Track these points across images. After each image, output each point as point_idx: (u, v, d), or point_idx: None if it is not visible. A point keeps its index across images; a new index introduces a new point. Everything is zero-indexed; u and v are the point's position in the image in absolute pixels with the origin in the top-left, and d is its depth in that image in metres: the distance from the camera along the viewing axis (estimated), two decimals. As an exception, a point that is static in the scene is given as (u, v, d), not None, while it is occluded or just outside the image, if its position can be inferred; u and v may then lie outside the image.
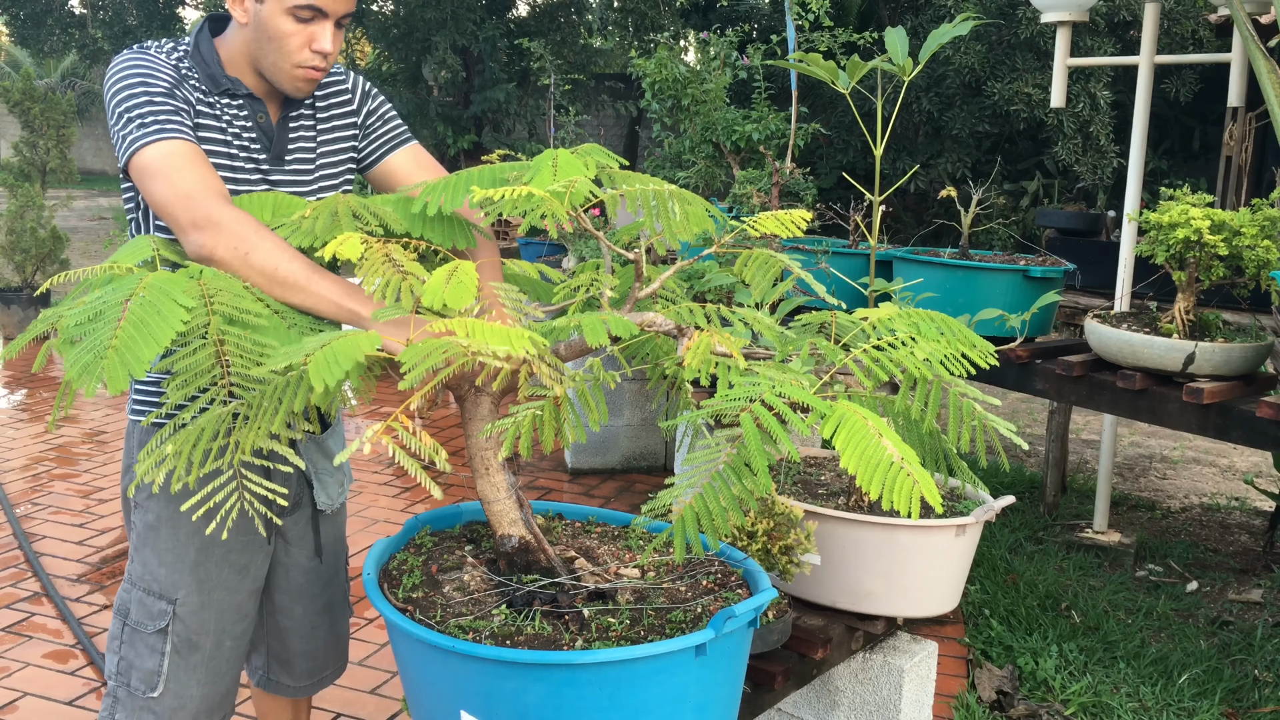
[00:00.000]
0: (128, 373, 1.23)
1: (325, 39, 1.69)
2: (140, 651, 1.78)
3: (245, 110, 1.75)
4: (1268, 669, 3.10)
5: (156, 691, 1.77)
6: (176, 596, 1.77)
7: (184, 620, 1.78)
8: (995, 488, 4.55)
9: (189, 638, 1.78)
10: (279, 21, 1.66)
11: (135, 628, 1.79)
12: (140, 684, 1.78)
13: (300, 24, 1.67)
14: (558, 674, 1.31)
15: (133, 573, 1.81)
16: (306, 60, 1.70)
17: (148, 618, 1.78)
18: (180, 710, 1.79)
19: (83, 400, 5.80)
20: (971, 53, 8.57)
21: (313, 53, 1.70)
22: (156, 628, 1.77)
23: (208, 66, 1.72)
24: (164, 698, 1.78)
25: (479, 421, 1.51)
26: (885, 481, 1.22)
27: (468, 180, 1.57)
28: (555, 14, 11.76)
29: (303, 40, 1.68)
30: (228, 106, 1.74)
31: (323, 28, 1.69)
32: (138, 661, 1.78)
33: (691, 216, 1.51)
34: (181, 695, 1.79)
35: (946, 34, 2.48)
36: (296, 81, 1.73)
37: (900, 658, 2.19)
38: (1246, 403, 2.54)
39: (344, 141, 1.87)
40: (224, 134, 1.73)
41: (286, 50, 1.68)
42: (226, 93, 1.73)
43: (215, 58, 1.74)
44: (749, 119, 5.37)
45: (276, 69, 1.71)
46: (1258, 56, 2.63)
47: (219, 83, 1.72)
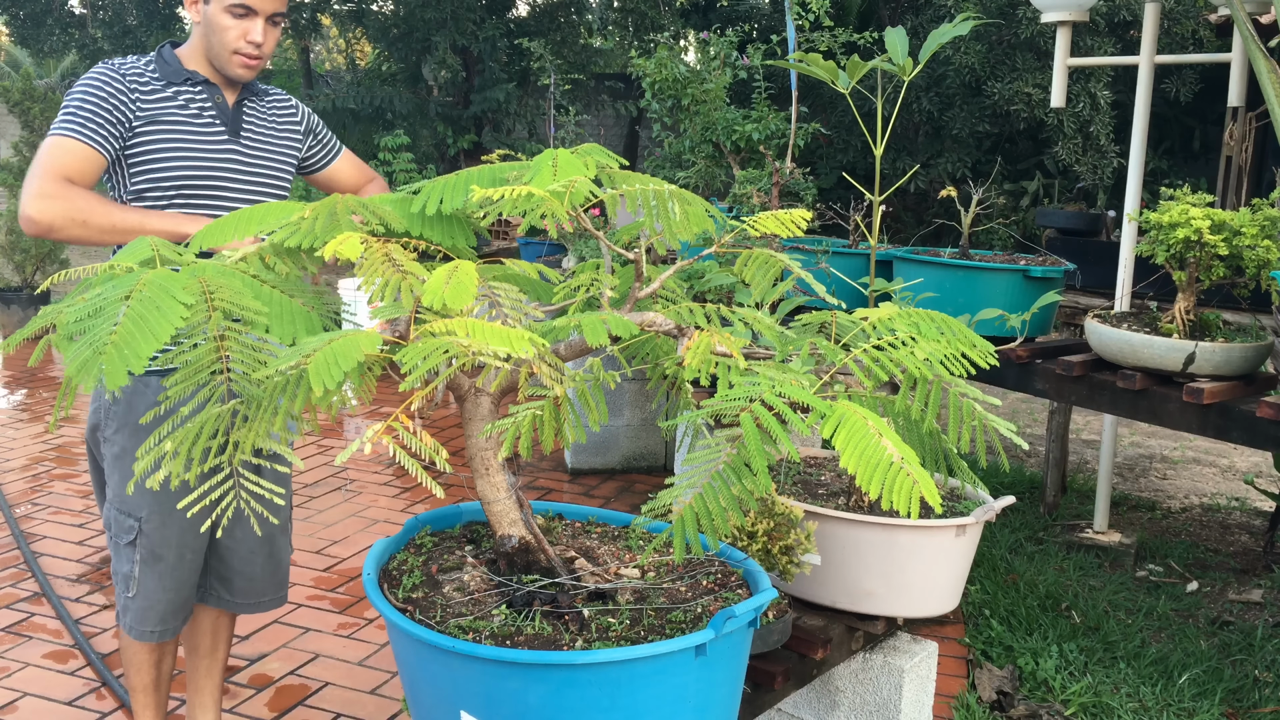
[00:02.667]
0: (127, 369, 1.23)
1: (256, 32, 2.17)
2: (121, 559, 2.20)
3: (204, 93, 2.23)
4: (1268, 669, 3.10)
5: (131, 593, 2.20)
6: (141, 515, 2.16)
7: (148, 535, 2.17)
8: (995, 488, 4.55)
9: (153, 549, 2.17)
10: (220, 18, 2.15)
11: (115, 539, 2.20)
12: (121, 585, 2.21)
13: (236, 19, 2.15)
14: (558, 674, 1.31)
15: (109, 493, 2.21)
16: (242, 49, 2.18)
17: (122, 531, 2.18)
18: (149, 610, 2.20)
19: (82, 400, 5.80)
20: (971, 53, 8.56)
21: (247, 43, 2.17)
22: (128, 540, 2.18)
23: (169, 65, 2.22)
24: (137, 598, 2.20)
25: (479, 421, 1.51)
26: (885, 481, 1.22)
27: (467, 180, 1.57)
28: (555, 14, 11.76)
29: (239, 33, 2.16)
30: (189, 92, 2.21)
31: (255, 23, 2.16)
32: (119, 567, 2.21)
33: (691, 216, 1.51)
34: (150, 597, 2.20)
35: (946, 34, 2.48)
36: (236, 67, 2.20)
37: (900, 658, 2.19)
38: (1246, 403, 2.54)
39: (290, 139, 2.37)
40: (186, 110, 2.20)
41: (226, 41, 2.17)
42: (188, 81, 2.21)
43: (175, 59, 2.23)
44: (749, 119, 5.37)
45: (220, 57, 2.19)
46: (1258, 56, 2.63)
47: (180, 74, 2.21)
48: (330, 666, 3.01)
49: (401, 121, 10.75)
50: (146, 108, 2.16)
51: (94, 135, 2.10)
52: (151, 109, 2.16)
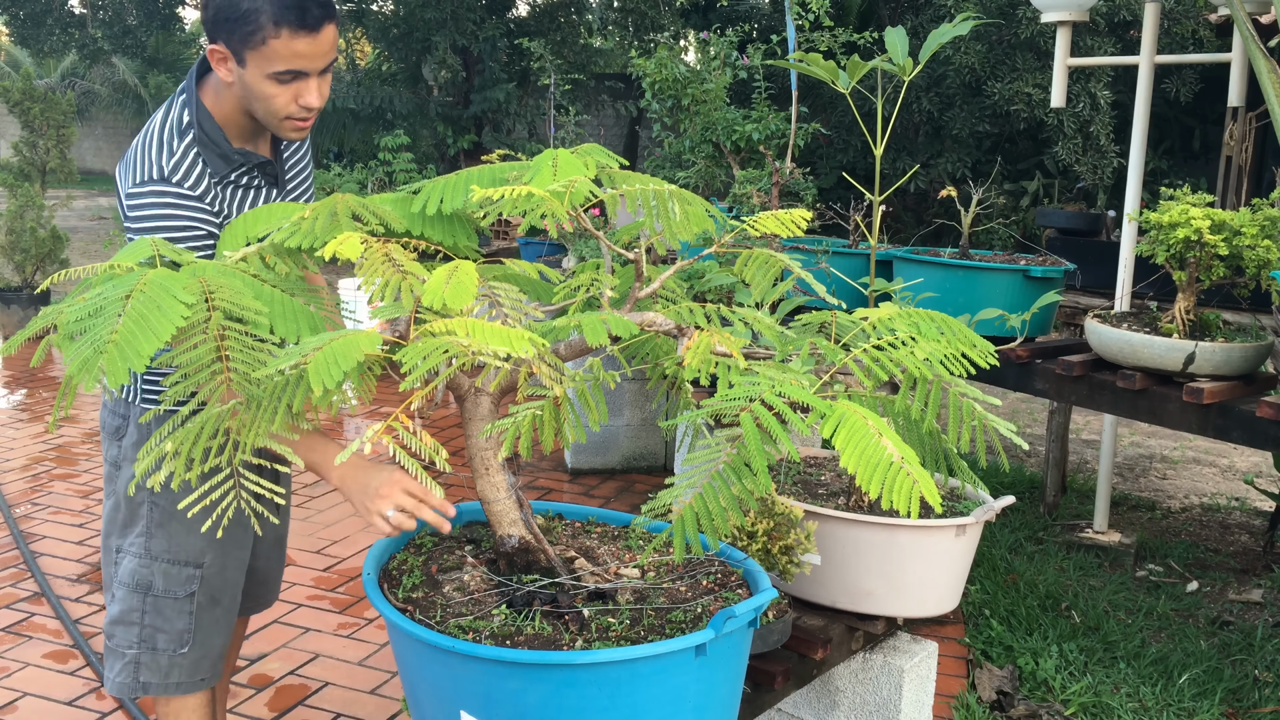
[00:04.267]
0: (128, 367, 1.23)
1: (310, 95, 1.78)
2: (169, 616, 1.96)
3: (256, 175, 1.91)
4: (1268, 669, 3.10)
5: (186, 648, 1.98)
6: (204, 561, 1.97)
7: (209, 581, 1.98)
8: (995, 488, 4.55)
9: (212, 595, 2.00)
10: (263, 86, 1.75)
11: (162, 597, 1.96)
12: (170, 644, 1.98)
13: (284, 85, 1.76)
14: (558, 674, 1.31)
15: (152, 549, 1.95)
16: (295, 114, 1.80)
17: (176, 585, 1.96)
18: (203, 659, 2.01)
19: (82, 400, 5.80)
20: (971, 53, 8.56)
21: (299, 106, 1.79)
22: (186, 592, 1.97)
23: (217, 147, 1.84)
24: (191, 651, 1.99)
25: (479, 421, 1.51)
26: (885, 481, 1.22)
27: (468, 180, 1.57)
28: (555, 14, 11.76)
29: (289, 98, 1.78)
30: (244, 175, 1.89)
31: (307, 84, 1.77)
32: (166, 625, 1.97)
33: (691, 216, 1.51)
34: (206, 646, 2.01)
35: (946, 34, 2.48)
36: (289, 132, 1.85)
37: (900, 658, 2.19)
38: (1246, 403, 2.54)
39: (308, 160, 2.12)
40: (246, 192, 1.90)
41: (275, 109, 1.79)
42: (240, 165, 1.87)
43: (219, 132, 1.85)
44: (749, 119, 5.37)
45: (269, 122, 1.83)
46: (1258, 56, 2.63)
47: (231, 160, 1.85)
48: (330, 666, 3.01)
49: (401, 121, 10.76)
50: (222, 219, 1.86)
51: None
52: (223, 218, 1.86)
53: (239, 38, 1.71)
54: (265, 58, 1.72)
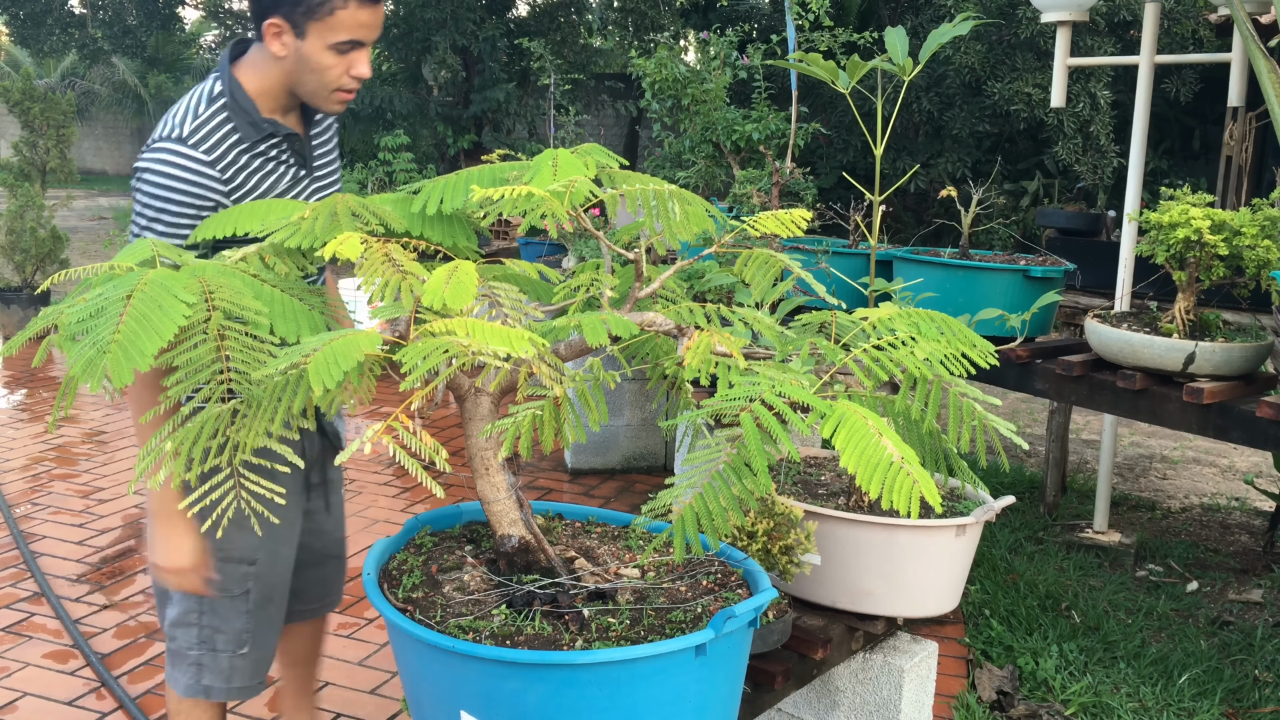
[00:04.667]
0: (132, 367, 1.23)
1: (363, 65, 1.87)
2: (226, 616, 1.98)
3: (285, 147, 1.96)
4: (1268, 669, 3.10)
5: (245, 648, 2.00)
6: (257, 558, 1.98)
7: (262, 578, 2.00)
8: (995, 488, 4.55)
9: (266, 593, 2.02)
10: (321, 56, 1.83)
11: (219, 596, 1.98)
12: (229, 644, 1.99)
13: (342, 56, 1.84)
14: (558, 674, 1.31)
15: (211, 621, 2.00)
16: (347, 85, 1.88)
17: (232, 583, 1.98)
18: (263, 659, 2.04)
19: (82, 400, 5.80)
20: (971, 52, 8.56)
21: (352, 78, 1.88)
22: (241, 590, 1.98)
23: (248, 115, 1.89)
24: (251, 651, 2.01)
25: (479, 421, 1.51)
26: (885, 481, 1.22)
27: (468, 180, 1.57)
28: (555, 14, 11.76)
29: (343, 69, 1.86)
30: (271, 147, 1.93)
31: (361, 55, 1.87)
32: (224, 625, 1.98)
33: (691, 216, 1.51)
34: (263, 645, 2.04)
35: (946, 34, 2.48)
36: (334, 104, 1.92)
37: (900, 658, 2.19)
38: (1246, 403, 2.54)
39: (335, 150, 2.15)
40: (274, 165, 1.94)
41: (327, 80, 1.86)
42: (268, 136, 1.91)
43: (250, 102, 1.89)
44: (749, 119, 5.37)
45: (316, 95, 1.89)
46: (1258, 56, 2.63)
47: (260, 129, 1.90)
48: (330, 666, 3.01)
49: (401, 121, 10.75)
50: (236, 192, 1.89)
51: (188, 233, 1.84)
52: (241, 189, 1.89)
53: (304, 9, 1.79)
54: (330, 28, 1.80)
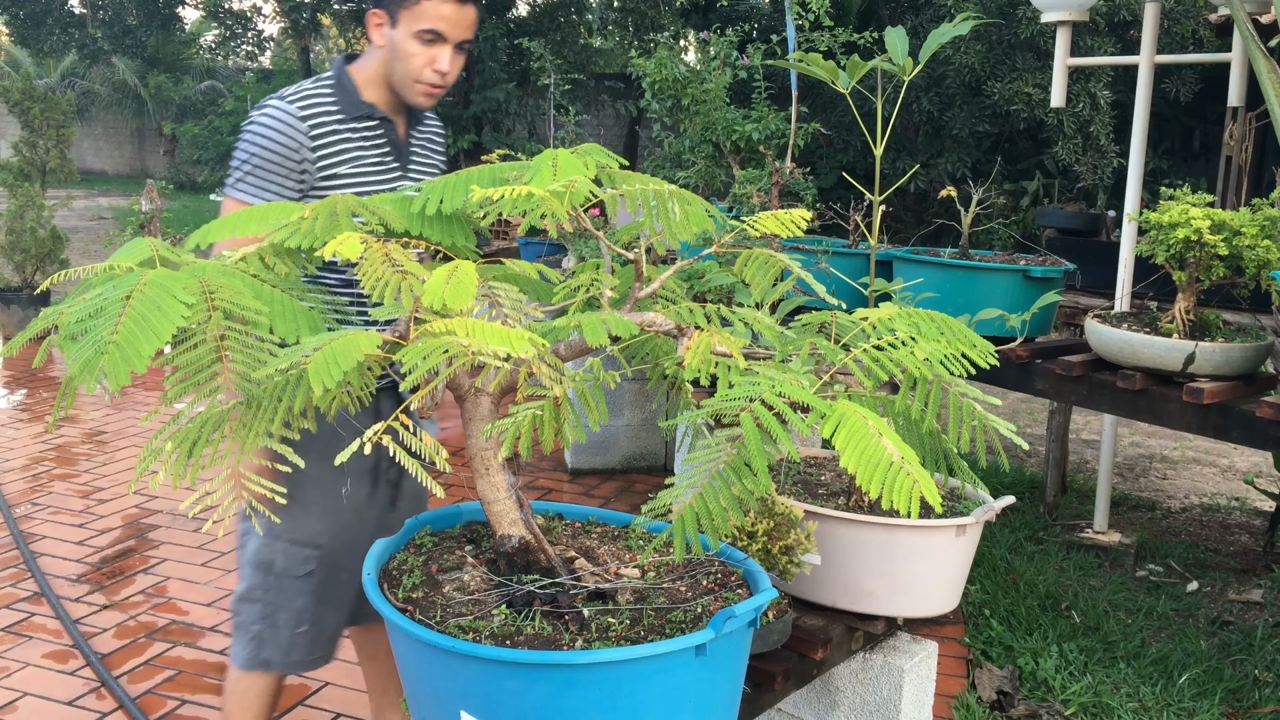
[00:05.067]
0: (129, 368, 1.23)
1: (444, 60, 2.02)
2: (289, 595, 2.09)
3: (380, 130, 2.10)
4: (1268, 669, 3.10)
5: (304, 626, 2.10)
6: (322, 542, 2.09)
7: (325, 562, 2.10)
8: (995, 488, 4.55)
9: (329, 576, 2.11)
10: (407, 44, 2.00)
11: (283, 575, 2.09)
12: (289, 622, 2.10)
13: (424, 46, 2.00)
14: (558, 674, 1.31)
15: (273, 529, 2.08)
16: (427, 77, 2.03)
17: (296, 564, 2.08)
18: (320, 638, 2.14)
19: (82, 400, 5.80)
20: (971, 52, 8.56)
21: (433, 71, 2.02)
22: (305, 571, 2.09)
23: (349, 94, 2.07)
24: (310, 630, 2.11)
25: (479, 421, 1.51)
26: (885, 481, 1.22)
27: (467, 180, 1.57)
28: (555, 14, 11.76)
29: (425, 60, 2.02)
30: (365, 129, 2.08)
31: (443, 50, 2.02)
32: (285, 603, 2.09)
33: (691, 216, 1.51)
34: (322, 624, 2.13)
35: (946, 34, 2.48)
36: (419, 95, 2.06)
37: (900, 658, 2.19)
38: (1246, 403, 2.54)
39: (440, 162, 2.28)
40: (363, 149, 2.07)
41: (412, 68, 2.02)
42: (364, 116, 2.07)
43: (353, 85, 2.08)
44: (749, 119, 5.37)
45: (403, 84, 2.05)
46: (1258, 56, 2.63)
47: (358, 108, 2.07)
48: (330, 666, 3.00)
49: (401, 121, 10.74)
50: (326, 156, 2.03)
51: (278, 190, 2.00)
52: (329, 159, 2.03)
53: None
54: (415, 16, 1.98)
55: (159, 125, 21.48)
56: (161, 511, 4.14)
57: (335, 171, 2.03)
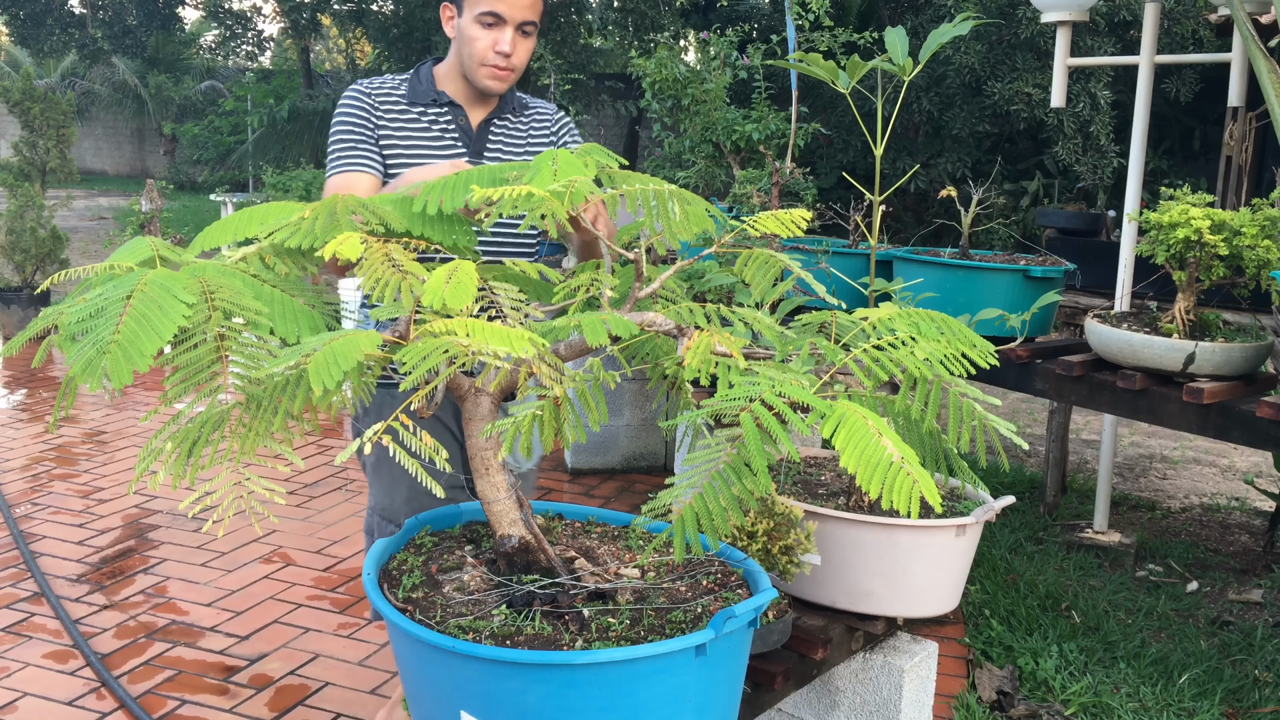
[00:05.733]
0: (131, 367, 1.23)
1: (505, 42, 2.12)
2: None
3: (448, 114, 2.22)
4: (1268, 669, 3.10)
5: None
6: (400, 522, 2.18)
7: None
8: (995, 488, 4.55)
9: None
10: (470, 29, 2.13)
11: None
12: None
13: (486, 29, 2.12)
14: (558, 674, 1.31)
15: (371, 500, 2.30)
16: (491, 60, 2.14)
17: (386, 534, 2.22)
18: None
19: (83, 400, 5.80)
20: (971, 52, 8.56)
21: (496, 53, 2.13)
22: None
23: (419, 84, 2.22)
24: None
25: (479, 421, 1.51)
26: (885, 481, 1.22)
27: (468, 179, 1.57)
28: (555, 14, 11.76)
29: (488, 43, 2.12)
30: (434, 113, 2.21)
31: (504, 32, 2.12)
32: None
33: (691, 216, 1.51)
34: None
35: (946, 34, 2.48)
36: (486, 79, 2.17)
37: (900, 658, 2.19)
38: (1246, 403, 2.54)
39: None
40: (428, 133, 2.20)
41: (475, 52, 2.14)
42: (434, 102, 2.21)
43: (430, 77, 2.24)
44: (749, 119, 5.38)
45: (471, 69, 2.17)
46: (1258, 56, 2.63)
47: (422, 95, 2.21)
48: (330, 666, 3.01)
49: (401, 121, 10.74)
50: (388, 133, 2.18)
51: (365, 161, 2.14)
52: (392, 135, 2.18)
53: None
54: (476, 0, 2.10)
55: (159, 125, 21.49)
56: (161, 511, 4.14)
57: (398, 150, 2.17)
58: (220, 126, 17.68)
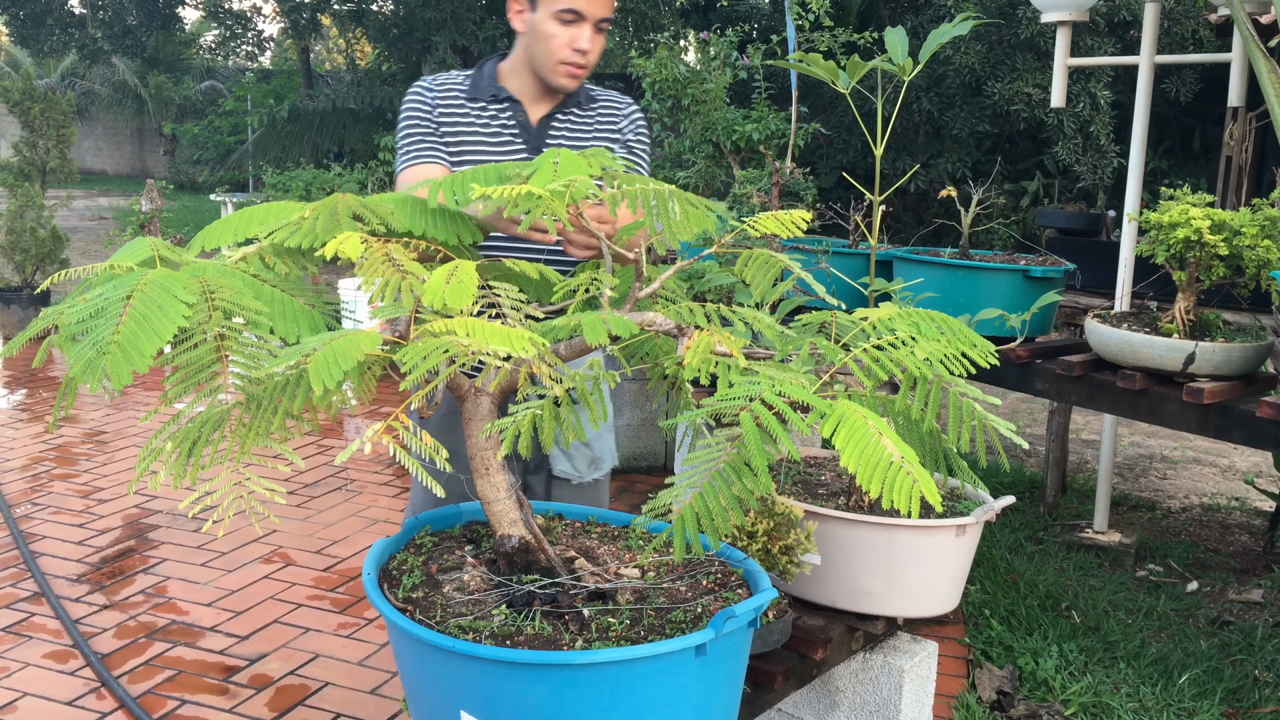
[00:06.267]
0: (131, 368, 1.23)
1: (584, 39, 2.07)
2: None
3: (507, 110, 2.17)
4: (1268, 669, 3.10)
5: None
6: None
7: None
8: (995, 488, 4.55)
9: None
10: (547, 25, 2.06)
11: None
12: None
13: (564, 26, 2.05)
14: (558, 674, 1.31)
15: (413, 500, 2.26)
16: (568, 57, 2.08)
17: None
18: None
19: (83, 400, 5.80)
20: (971, 53, 8.56)
21: (573, 51, 2.07)
22: None
23: (481, 79, 2.18)
24: None
25: (479, 421, 1.51)
26: (885, 480, 1.22)
27: (469, 177, 1.57)
28: (555, 14, 11.75)
29: (565, 40, 2.06)
30: (494, 108, 2.17)
31: (582, 29, 2.06)
32: None
33: (691, 216, 1.51)
34: None
35: (946, 34, 2.48)
36: (562, 77, 2.11)
37: (900, 658, 2.19)
38: (1246, 403, 2.54)
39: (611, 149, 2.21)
40: (486, 129, 2.16)
41: (552, 49, 2.07)
42: (494, 98, 2.17)
43: (492, 73, 2.19)
44: (749, 119, 5.38)
45: (545, 66, 2.10)
46: (1258, 56, 2.63)
47: (488, 89, 2.17)
48: (330, 666, 3.01)
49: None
50: (447, 128, 2.16)
51: (432, 152, 2.13)
52: (451, 129, 2.16)
53: None
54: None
55: (159, 125, 21.49)
56: (161, 511, 4.14)
57: (458, 144, 2.15)
58: (220, 126, 17.68)
